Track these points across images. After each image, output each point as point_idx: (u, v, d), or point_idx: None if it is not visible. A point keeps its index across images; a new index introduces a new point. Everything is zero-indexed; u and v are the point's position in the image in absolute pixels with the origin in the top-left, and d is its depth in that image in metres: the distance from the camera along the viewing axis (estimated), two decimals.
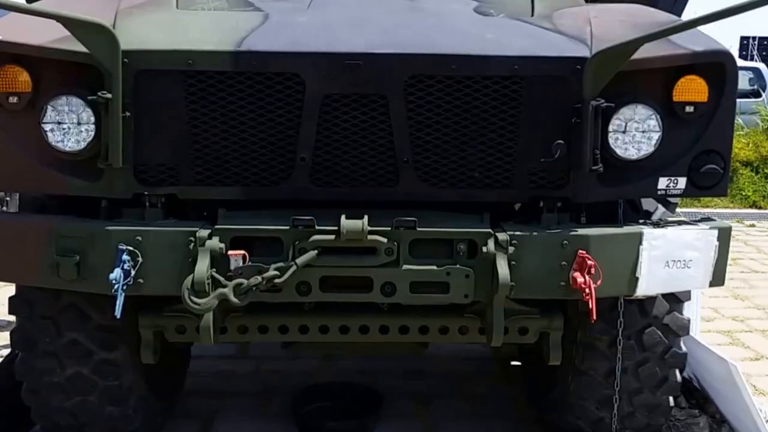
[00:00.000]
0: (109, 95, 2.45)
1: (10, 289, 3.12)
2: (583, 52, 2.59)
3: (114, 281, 2.43)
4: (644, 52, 2.52)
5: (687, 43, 2.64)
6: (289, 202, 2.68)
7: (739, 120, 10.32)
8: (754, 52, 20.78)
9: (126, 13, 2.68)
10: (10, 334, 3.08)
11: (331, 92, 2.57)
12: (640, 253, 2.62)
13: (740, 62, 14.08)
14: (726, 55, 2.66)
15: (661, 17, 2.96)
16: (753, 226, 8.86)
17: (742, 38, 21.28)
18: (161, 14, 2.72)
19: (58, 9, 2.36)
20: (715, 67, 2.65)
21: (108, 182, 2.58)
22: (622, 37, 2.63)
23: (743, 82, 12.73)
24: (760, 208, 9.46)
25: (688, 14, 4.44)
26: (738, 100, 3.02)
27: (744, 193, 9.45)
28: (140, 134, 2.56)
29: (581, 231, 2.62)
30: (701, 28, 2.51)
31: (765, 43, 21.83)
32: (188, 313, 2.68)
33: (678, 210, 4.42)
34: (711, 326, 5.41)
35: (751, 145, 9.71)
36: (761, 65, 14.55)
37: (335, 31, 2.64)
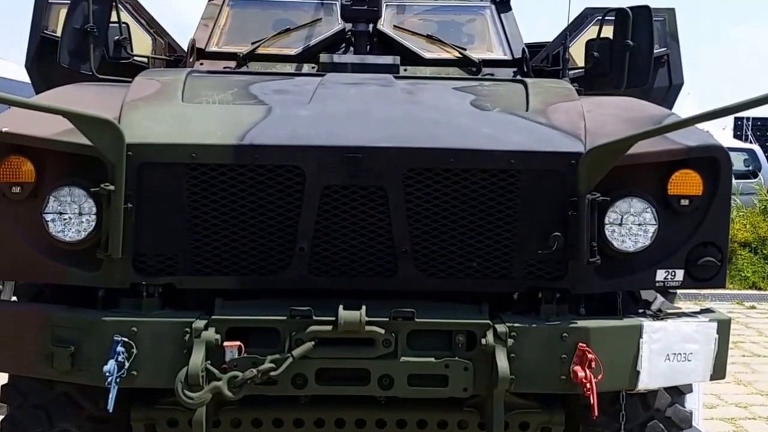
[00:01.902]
0: (111, 187, 2.48)
1: (2, 378, 3.07)
2: (578, 147, 2.64)
3: (108, 374, 2.41)
4: (638, 146, 2.57)
5: (680, 138, 2.70)
6: (286, 291, 2.68)
7: (737, 200, 10.41)
8: (749, 132, 21.12)
9: (132, 106, 2.74)
10: (1, 423, 3.02)
11: (331, 184, 2.61)
12: (640, 347, 2.61)
13: (735, 143, 14.33)
14: (719, 149, 2.71)
15: (654, 111, 3.03)
16: (753, 307, 8.81)
17: (736, 119, 21.64)
18: (166, 107, 2.78)
19: (65, 102, 2.42)
20: (708, 161, 2.70)
21: (106, 272, 2.59)
22: (615, 131, 2.69)
23: (738, 163, 12.90)
24: (760, 289, 9.43)
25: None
26: (735, 181, 3.08)
27: (743, 274, 9.44)
28: (140, 225, 2.59)
29: (581, 323, 2.61)
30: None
31: (759, 123, 22.22)
32: (181, 405, 2.64)
33: (677, 292, 4.42)
34: (714, 413, 5.30)
35: (748, 226, 9.76)
36: (756, 146, 14.77)
37: (336, 124, 2.70)
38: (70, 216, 2.57)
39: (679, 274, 2.73)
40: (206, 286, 2.66)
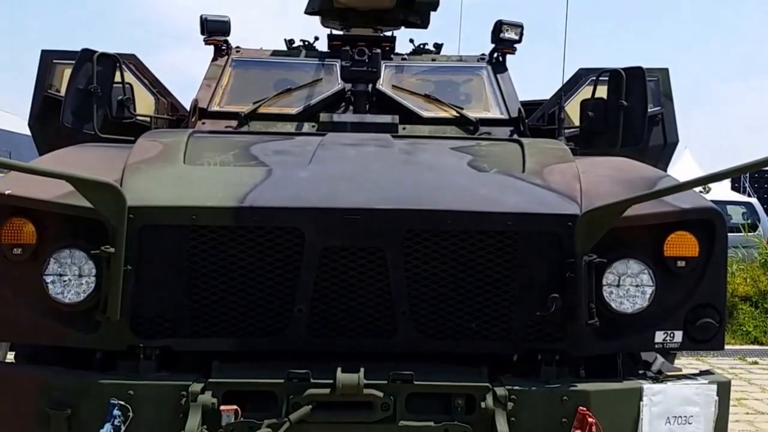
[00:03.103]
0: (112, 249, 2.50)
1: None
2: (574, 209, 2.67)
3: None
4: (634, 208, 2.60)
5: (675, 200, 2.73)
6: (285, 352, 2.67)
7: (737, 254, 10.39)
8: (746, 185, 21.20)
9: (134, 168, 2.78)
10: None
11: (330, 245, 2.62)
12: (641, 409, 2.60)
13: (733, 196, 14.39)
14: (714, 212, 2.74)
15: (648, 172, 3.07)
16: (756, 363, 8.72)
17: None
18: (168, 169, 2.82)
19: (67, 164, 2.46)
20: (703, 223, 2.72)
21: (104, 334, 2.58)
22: (610, 193, 2.72)
23: (737, 216, 12.94)
24: (762, 343, 9.35)
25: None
26: (734, 234, 3.12)
27: (744, 329, 9.36)
28: (140, 287, 2.59)
29: (581, 386, 2.60)
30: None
31: (756, 175, 22.32)
32: None
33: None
34: None
35: (749, 279, 9.72)
36: (754, 199, 14.84)
37: (335, 186, 2.73)
38: (70, 278, 2.58)
39: (678, 336, 2.73)
40: (204, 349, 2.65)
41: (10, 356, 3.24)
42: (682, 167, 16.09)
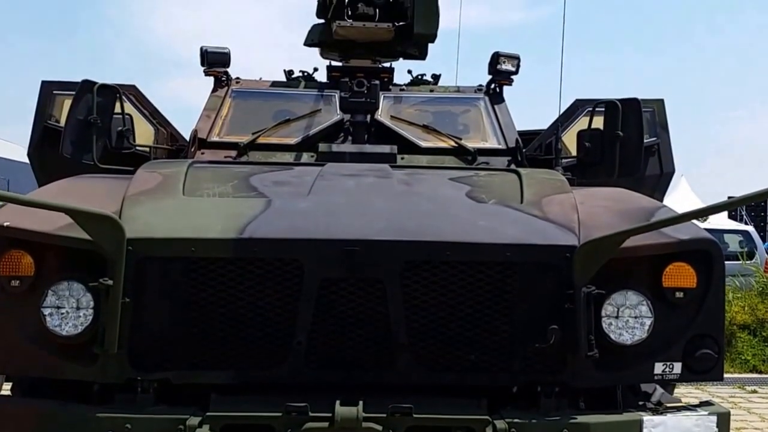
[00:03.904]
0: (110, 282, 2.49)
1: None
2: (572, 240, 2.68)
3: None
4: (632, 240, 2.61)
5: (673, 231, 2.74)
6: (283, 385, 2.66)
7: (734, 282, 10.39)
8: (743, 212, 21.25)
9: (133, 200, 2.79)
10: None
11: (329, 276, 2.62)
12: None
13: (730, 224, 14.42)
14: (711, 243, 2.75)
15: (645, 203, 3.09)
16: (755, 392, 8.67)
17: (730, 198, 21.83)
18: (167, 201, 2.83)
19: (67, 195, 2.46)
20: (701, 254, 2.73)
21: (102, 367, 2.57)
22: (608, 224, 2.73)
23: (734, 244, 12.96)
24: (761, 372, 9.30)
25: None
26: (732, 263, 3.13)
27: (743, 357, 9.33)
28: (138, 319, 2.58)
29: (581, 418, 2.58)
30: None
31: (752, 204, 22.37)
32: None
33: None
34: None
35: (746, 308, 9.71)
36: (750, 228, 14.87)
37: (334, 217, 2.73)
38: (68, 310, 2.57)
39: (677, 367, 2.73)
40: (202, 382, 2.64)
41: (7, 387, 3.21)
42: (679, 195, 16.15)
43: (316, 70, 4.85)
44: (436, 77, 4.92)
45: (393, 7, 4.65)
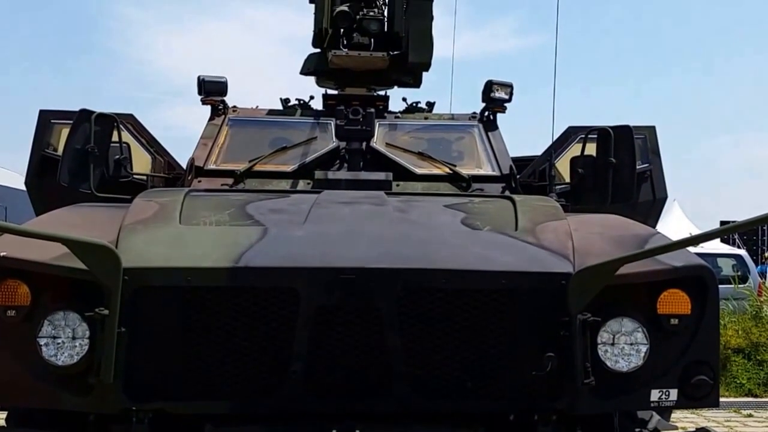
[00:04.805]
0: (106, 312, 2.49)
1: None
2: (567, 267, 2.70)
3: None
4: (626, 267, 2.62)
5: (667, 258, 2.75)
6: (279, 413, 2.65)
7: (728, 306, 10.40)
8: (735, 236, 21.32)
9: (130, 229, 2.80)
10: None
11: (325, 305, 2.63)
12: None
13: (723, 248, 14.47)
14: (704, 269, 2.77)
15: (639, 230, 3.11)
16: (750, 416, 8.65)
17: (722, 222, 21.88)
18: (164, 230, 2.84)
19: (63, 224, 2.46)
20: (695, 280, 2.75)
21: (97, 397, 2.56)
22: (602, 251, 2.75)
23: (727, 268, 12.99)
24: (756, 396, 9.29)
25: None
26: (725, 287, 3.15)
27: (738, 381, 9.31)
28: (133, 349, 2.57)
29: None
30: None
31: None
32: None
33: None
34: None
35: (741, 332, 9.72)
36: (743, 251, 14.93)
37: (330, 245, 2.74)
38: (64, 340, 2.56)
39: (673, 394, 2.73)
40: (198, 412, 2.63)
41: (1, 416, 3.19)
42: (671, 219, 16.21)
43: (312, 98, 4.90)
44: (430, 105, 4.98)
45: (388, 37, 4.72)
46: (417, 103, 4.95)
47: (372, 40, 4.74)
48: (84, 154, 3.87)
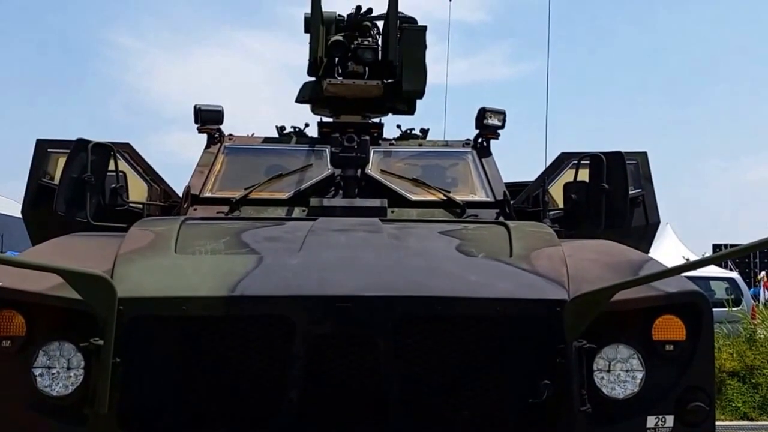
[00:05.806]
0: (101, 342, 2.48)
1: None
2: (561, 294, 2.71)
3: None
4: (620, 293, 2.63)
5: (661, 284, 2.77)
6: None
7: (722, 329, 10.41)
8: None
9: (125, 258, 2.80)
10: None
11: (321, 333, 2.63)
12: None
13: (716, 271, 14.51)
14: (699, 295, 2.78)
15: (633, 256, 3.13)
16: None
17: (715, 246, 22.00)
18: (159, 259, 2.84)
19: (59, 254, 2.47)
20: (689, 306, 2.77)
21: (93, 428, 2.54)
22: (597, 277, 2.77)
23: (720, 291, 13.01)
24: (752, 419, 9.26)
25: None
26: (719, 310, 3.15)
27: (734, 405, 9.29)
28: (129, 379, 2.57)
29: None
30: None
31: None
32: None
33: None
34: None
35: (735, 354, 9.71)
36: (735, 274, 14.96)
37: (325, 273, 2.75)
38: (59, 371, 2.55)
39: (669, 420, 2.73)
40: None
41: None
42: (664, 242, 16.26)
43: (307, 125, 4.95)
44: (424, 131, 5.02)
45: (382, 66, 4.77)
46: (411, 129, 5.00)
47: (366, 68, 4.80)
48: (81, 183, 3.88)
